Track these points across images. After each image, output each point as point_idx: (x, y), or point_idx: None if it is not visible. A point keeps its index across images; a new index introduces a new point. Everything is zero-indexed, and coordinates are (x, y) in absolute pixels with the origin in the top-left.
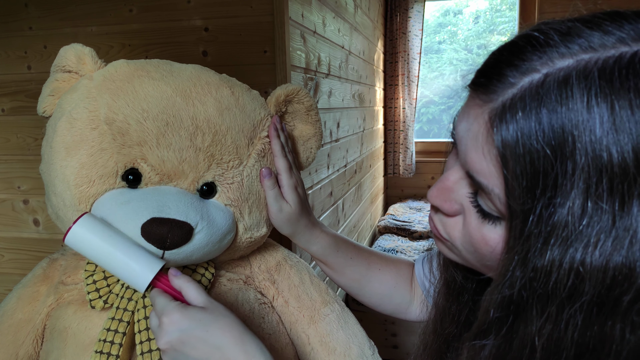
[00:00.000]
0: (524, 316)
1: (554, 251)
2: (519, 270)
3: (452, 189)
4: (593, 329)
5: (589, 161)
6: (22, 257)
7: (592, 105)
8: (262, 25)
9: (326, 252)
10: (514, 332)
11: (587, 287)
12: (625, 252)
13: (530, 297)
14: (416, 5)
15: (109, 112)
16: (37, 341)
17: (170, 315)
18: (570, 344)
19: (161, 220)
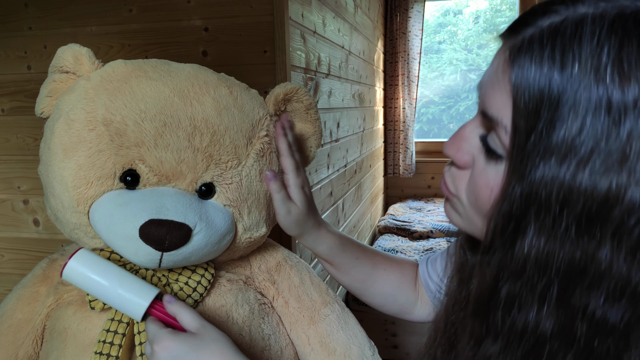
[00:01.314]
0: (522, 229)
1: (551, 167)
2: (518, 186)
3: (466, 138)
4: (583, 247)
5: (590, 92)
6: (21, 257)
7: (602, 41)
8: (262, 25)
9: (332, 252)
10: (514, 244)
11: (578, 203)
12: (614, 175)
13: (527, 210)
14: (416, 5)
15: (107, 113)
16: (36, 342)
17: (161, 343)
18: (561, 260)
19: (159, 221)
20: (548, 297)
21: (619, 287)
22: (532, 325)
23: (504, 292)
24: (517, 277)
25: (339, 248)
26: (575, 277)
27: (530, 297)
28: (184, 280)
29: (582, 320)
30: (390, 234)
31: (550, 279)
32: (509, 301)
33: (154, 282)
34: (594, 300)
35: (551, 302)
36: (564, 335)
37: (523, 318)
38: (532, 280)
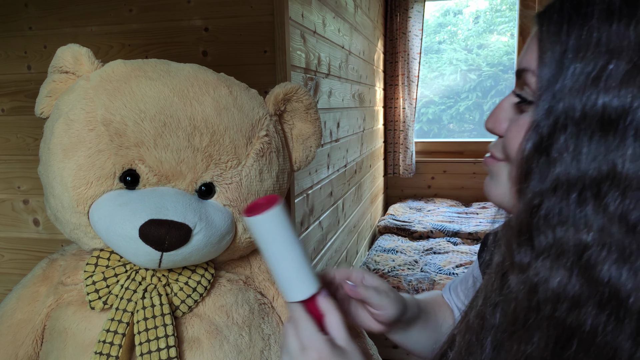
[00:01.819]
0: (552, 145)
1: (573, 96)
2: (545, 113)
3: (503, 107)
4: (609, 151)
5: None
6: (22, 257)
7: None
8: (262, 25)
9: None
10: (547, 162)
11: (597, 115)
12: (624, 91)
13: (555, 127)
14: (416, 5)
15: (106, 113)
16: (36, 342)
17: (319, 350)
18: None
19: (159, 221)
20: (585, 206)
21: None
22: (574, 236)
23: (544, 210)
24: (552, 193)
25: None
26: (607, 182)
27: (568, 209)
28: (184, 280)
29: (619, 224)
30: (390, 234)
31: (584, 188)
32: (549, 217)
33: (154, 282)
34: (628, 203)
35: (588, 210)
36: (604, 242)
37: (564, 230)
38: (567, 193)
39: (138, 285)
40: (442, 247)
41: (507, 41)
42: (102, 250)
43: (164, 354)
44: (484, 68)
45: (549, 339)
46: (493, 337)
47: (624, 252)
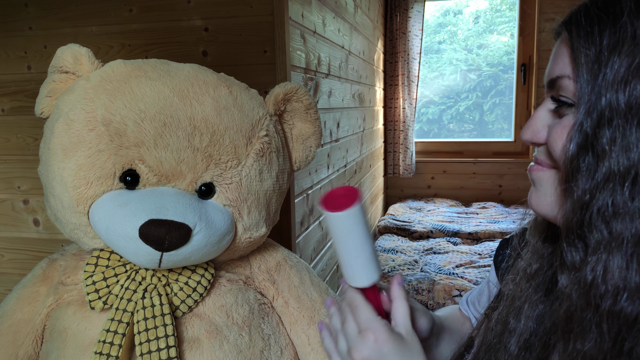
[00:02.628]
0: (598, 147)
1: (615, 89)
2: (588, 111)
3: (538, 117)
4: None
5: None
6: (22, 257)
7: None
8: (262, 25)
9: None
10: (596, 157)
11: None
12: None
13: (600, 124)
14: (416, 5)
15: (106, 113)
16: (36, 341)
17: (378, 334)
18: (638, 162)
19: (159, 221)
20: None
21: None
22: (631, 227)
23: (596, 206)
24: (603, 188)
25: (438, 345)
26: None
27: (623, 201)
28: (184, 280)
29: None
30: (390, 234)
31: (637, 176)
32: (603, 212)
33: (154, 282)
34: None
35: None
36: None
37: (619, 223)
38: (620, 186)
39: (138, 285)
40: (442, 247)
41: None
42: (102, 250)
43: (164, 354)
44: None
45: (609, 333)
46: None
47: None
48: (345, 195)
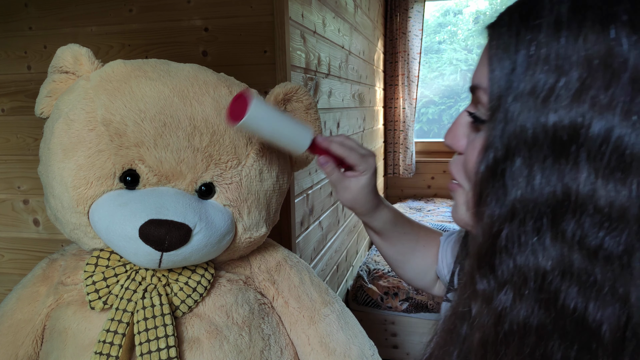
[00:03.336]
0: (507, 171)
1: (522, 108)
2: (497, 132)
3: (460, 123)
4: (563, 176)
5: (549, 45)
6: (22, 257)
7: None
8: (262, 25)
9: (385, 227)
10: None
11: (550, 136)
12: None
13: (508, 152)
14: (416, 5)
15: (106, 113)
16: (36, 342)
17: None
18: (546, 192)
19: (159, 221)
20: (542, 233)
21: (605, 210)
22: (533, 264)
23: (502, 237)
24: (510, 219)
25: (392, 223)
26: (563, 207)
27: (526, 236)
28: (184, 280)
29: (579, 251)
30: None
31: (540, 213)
32: (508, 245)
33: (154, 282)
34: (586, 229)
35: (546, 237)
36: (565, 270)
37: (523, 258)
38: (524, 219)
39: (138, 285)
40: None
41: None
42: (102, 250)
43: (164, 354)
44: None
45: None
46: (459, 350)
47: (588, 280)
48: (239, 99)
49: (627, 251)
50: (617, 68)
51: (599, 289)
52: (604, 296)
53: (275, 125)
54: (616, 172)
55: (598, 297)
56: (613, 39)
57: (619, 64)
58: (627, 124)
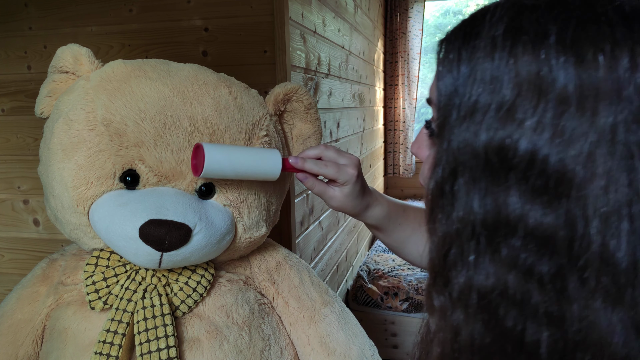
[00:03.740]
0: (450, 194)
1: (460, 128)
2: (442, 152)
3: (423, 133)
4: (495, 197)
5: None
6: (22, 257)
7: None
8: (262, 25)
9: (379, 222)
10: (448, 205)
11: (482, 157)
12: (504, 128)
13: (451, 172)
14: (416, 5)
15: (106, 113)
16: (36, 342)
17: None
18: (482, 213)
19: (159, 221)
20: (482, 253)
21: (533, 233)
22: (476, 283)
23: (451, 255)
24: (456, 238)
25: (386, 218)
26: (496, 229)
27: (469, 255)
28: (184, 280)
29: (515, 272)
30: None
31: (478, 234)
32: (456, 263)
33: (154, 282)
34: (518, 251)
35: (485, 257)
36: (503, 290)
37: (467, 277)
38: (467, 239)
39: (138, 285)
40: None
41: None
42: (102, 251)
43: (164, 354)
44: None
45: None
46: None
47: (524, 301)
48: (198, 151)
49: (559, 274)
50: (545, 89)
51: (534, 310)
52: (540, 318)
53: (239, 163)
54: (543, 194)
55: (535, 318)
56: (542, 60)
57: (547, 85)
58: (553, 145)
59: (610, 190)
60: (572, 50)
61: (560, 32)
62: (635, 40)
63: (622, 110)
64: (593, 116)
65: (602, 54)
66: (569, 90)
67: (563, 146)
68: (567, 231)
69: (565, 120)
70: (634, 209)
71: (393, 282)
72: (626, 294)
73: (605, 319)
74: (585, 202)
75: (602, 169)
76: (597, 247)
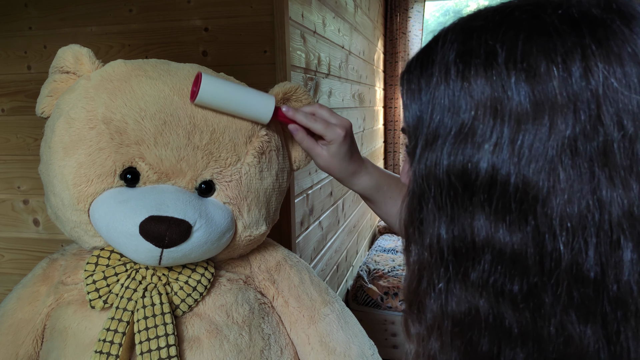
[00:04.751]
0: (420, 221)
1: (426, 153)
2: (413, 179)
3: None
4: (461, 220)
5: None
6: (22, 257)
7: (448, 45)
8: (262, 25)
9: (367, 192)
10: (420, 232)
11: (445, 181)
12: (463, 151)
13: (419, 197)
14: (416, 5)
15: (107, 111)
16: (37, 341)
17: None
18: (450, 237)
19: (159, 218)
20: (451, 280)
21: (501, 255)
22: (448, 310)
23: (423, 282)
24: (427, 265)
25: (374, 189)
26: (464, 253)
27: (439, 282)
28: (184, 279)
29: (486, 296)
30: (390, 234)
31: (447, 261)
32: (428, 290)
33: (154, 281)
34: (487, 274)
35: (455, 283)
36: (475, 315)
37: (439, 304)
38: (436, 265)
39: (138, 284)
40: None
41: None
42: (102, 250)
43: (164, 353)
44: None
45: None
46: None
47: (497, 325)
48: (197, 81)
49: (531, 293)
50: (500, 109)
51: (509, 332)
52: (515, 339)
53: (233, 97)
54: (508, 214)
55: (509, 340)
56: (495, 80)
57: (502, 105)
58: (512, 163)
59: (574, 202)
60: (523, 66)
61: (510, 50)
62: (586, 45)
63: (579, 119)
64: (551, 129)
65: (553, 65)
66: (524, 107)
67: (523, 163)
68: (536, 248)
69: (522, 136)
70: (598, 218)
71: (393, 282)
72: (597, 307)
73: (580, 334)
74: (551, 216)
75: (564, 182)
76: (567, 261)
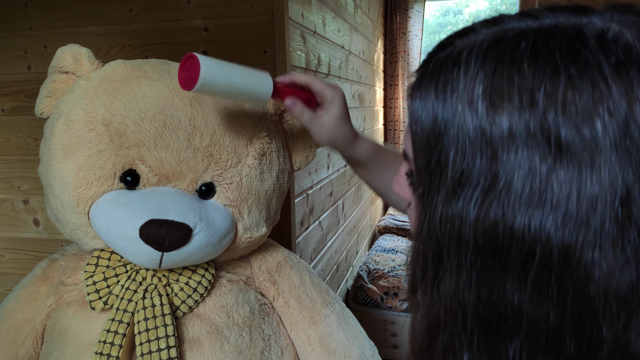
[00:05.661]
0: (433, 273)
1: (444, 203)
2: (424, 225)
3: (402, 174)
4: (490, 287)
5: (467, 125)
6: (22, 257)
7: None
8: (262, 25)
9: (366, 158)
10: (433, 288)
11: (472, 240)
12: (497, 207)
13: (434, 251)
14: (416, 5)
15: (106, 113)
16: (37, 342)
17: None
18: (474, 304)
19: (159, 221)
20: (476, 350)
21: (533, 330)
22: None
23: (439, 341)
24: (442, 327)
25: (374, 154)
26: (492, 321)
27: (462, 350)
28: (185, 280)
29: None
30: (390, 234)
31: (471, 329)
32: (446, 352)
33: (155, 282)
34: (517, 347)
35: (483, 355)
36: None
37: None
38: (457, 332)
39: (138, 285)
40: None
41: None
42: (102, 251)
43: (164, 354)
44: None
45: None
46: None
47: None
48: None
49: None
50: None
51: None
52: None
53: (233, 77)
54: (545, 287)
55: None
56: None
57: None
58: (556, 221)
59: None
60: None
61: (550, 97)
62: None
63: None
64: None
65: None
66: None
67: (569, 223)
68: (576, 330)
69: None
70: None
71: (393, 282)
72: None
73: None
74: (593, 292)
75: (610, 250)
76: (611, 343)
